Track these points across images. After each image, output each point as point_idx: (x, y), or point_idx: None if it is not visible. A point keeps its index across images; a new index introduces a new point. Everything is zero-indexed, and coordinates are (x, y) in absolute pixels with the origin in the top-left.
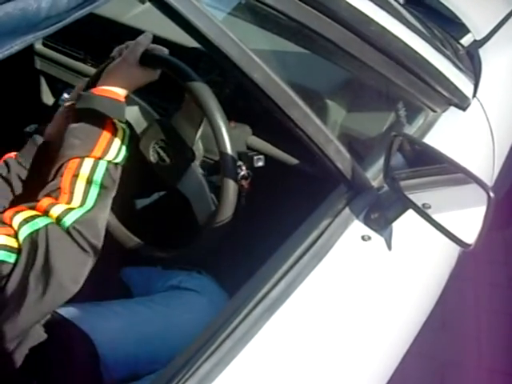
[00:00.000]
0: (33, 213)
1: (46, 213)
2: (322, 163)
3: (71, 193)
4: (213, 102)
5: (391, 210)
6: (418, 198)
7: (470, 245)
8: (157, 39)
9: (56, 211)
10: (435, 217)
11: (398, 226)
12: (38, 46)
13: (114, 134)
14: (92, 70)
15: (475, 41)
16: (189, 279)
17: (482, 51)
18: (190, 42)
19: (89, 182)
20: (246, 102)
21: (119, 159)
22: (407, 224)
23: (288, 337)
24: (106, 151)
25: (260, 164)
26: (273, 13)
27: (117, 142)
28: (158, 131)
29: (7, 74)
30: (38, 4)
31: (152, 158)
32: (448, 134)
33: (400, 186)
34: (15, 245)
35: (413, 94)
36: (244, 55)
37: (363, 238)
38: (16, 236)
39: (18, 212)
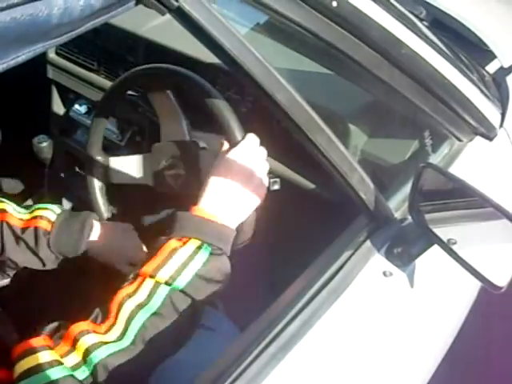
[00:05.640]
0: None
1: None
2: (342, 191)
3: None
4: (233, 120)
5: (415, 246)
6: (443, 232)
7: (500, 287)
8: (173, 53)
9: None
10: (462, 254)
11: (420, 261)
12: (51, 55)
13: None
14: (105, 82)
15: (502, 68)
16: (203, 315)
17: (509, 79)
18: (207, 57)
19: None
20: (262, 121)
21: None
22: (429, 259)
23: (303, 378)
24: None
25: (276, 187)
26: (299, 31)
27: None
28: (169, 148)
29: (18, 82)
30: (49, 10)
31: (166, 176)
32: (473, 164)
33: (425, 220)
34: None
35: (439, 121)
36: (268, 74)
37: (384, 273)
38: None
39: (27, 353)
